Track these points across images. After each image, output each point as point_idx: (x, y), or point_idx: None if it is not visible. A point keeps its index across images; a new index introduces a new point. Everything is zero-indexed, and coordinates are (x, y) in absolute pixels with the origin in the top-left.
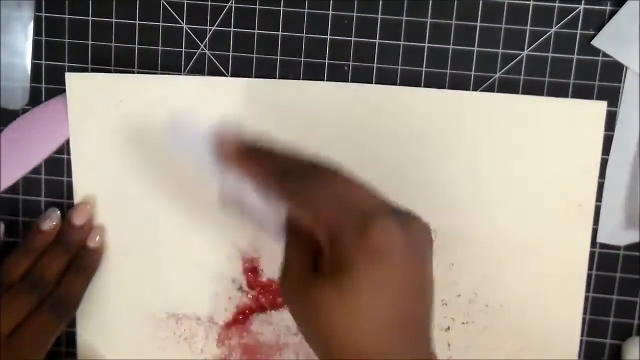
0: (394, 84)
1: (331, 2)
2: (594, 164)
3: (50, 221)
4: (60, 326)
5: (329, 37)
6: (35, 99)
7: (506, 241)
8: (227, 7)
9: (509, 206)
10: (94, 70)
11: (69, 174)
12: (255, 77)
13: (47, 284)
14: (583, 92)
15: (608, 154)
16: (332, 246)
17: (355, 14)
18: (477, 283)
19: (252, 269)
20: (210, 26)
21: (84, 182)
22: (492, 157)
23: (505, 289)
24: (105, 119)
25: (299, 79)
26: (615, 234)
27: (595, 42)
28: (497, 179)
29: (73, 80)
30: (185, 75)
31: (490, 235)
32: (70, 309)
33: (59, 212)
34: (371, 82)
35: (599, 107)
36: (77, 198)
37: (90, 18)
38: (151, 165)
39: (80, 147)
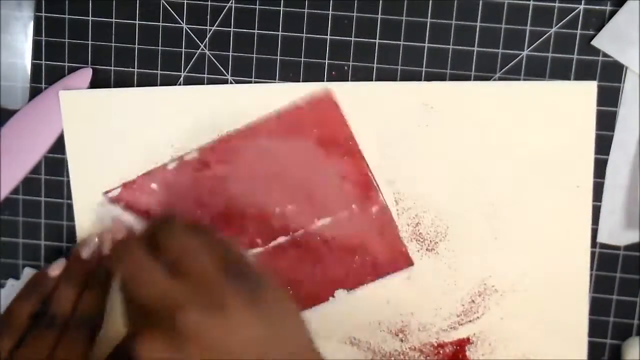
0: None
1: (331, 2)
2: (589, 144)
3: (90, 249)
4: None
5: (329, 37)
6: None
7: (506, 228)
8: (227, 7)
9: (506, 192)
10: (94, 70)
11: (69, 174)
12: (255, 77)
13: (93, 319)
14: None
15: (608, 154)
16: None
17: (355, 14)
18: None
19: None
20: (210, 26)
21: (83, 201)
22: (488, 144)
23: (507, 278)
24: (101, 135)
25: (299, 79)
26: (615, 234)
27: (595, 42)
28: (495, 165)
29: (67, 98)
30: (183, 78)
31: (490, 222)
32: (96, 324)
33: (96, 239)
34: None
35: (590, 87)
36: (77, 219)
37: (90, 18)
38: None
39: (78, 164)
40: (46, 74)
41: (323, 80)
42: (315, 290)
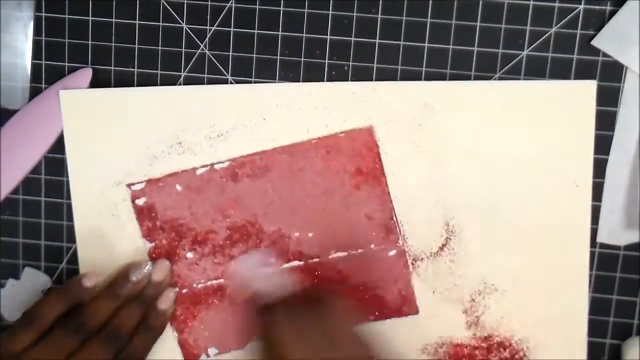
0: None
1: (331, 2)
2: (588, 144)
3: (140, 273)
4: None
5: (329, 37)
6: None
7: (506, 227)
8: (227, 7)
9: (506, 191)
10: (94, 70)
11: (69, 174)
12: (255, 77)
13: (121, 338)
14: None
15: (608, 154)
16: None
17: (355, 14)
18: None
19: None
20: (210, 26)
21: (83, 201)
22: (488, 143)
23: (506, 277)
24: (101, 135)
25: (299, 79)
26: (615, 234)
27: (595, 42)
28: (495, 165)
29: (67, 98)
30: (183, 78)
31: (490, 221)
32: (123, 344)
33: (149, 266)
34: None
35: (589, 86)
36: (77, 219)
37: (90, 18)
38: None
39: (77, 164)
40: (46, 74)
41: (323, 80)
42: None
